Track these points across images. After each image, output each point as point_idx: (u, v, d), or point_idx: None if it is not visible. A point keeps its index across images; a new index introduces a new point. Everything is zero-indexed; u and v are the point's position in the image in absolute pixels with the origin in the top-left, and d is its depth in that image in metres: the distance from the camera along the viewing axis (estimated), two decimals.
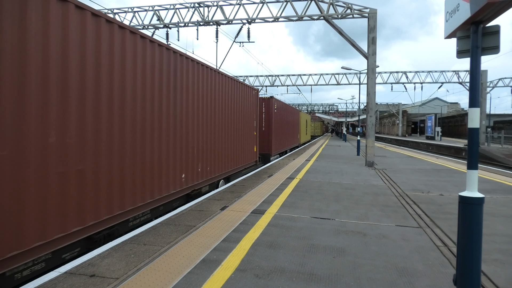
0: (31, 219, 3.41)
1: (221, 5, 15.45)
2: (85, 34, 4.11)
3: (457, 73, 32.84)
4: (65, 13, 3.83)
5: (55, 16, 3.70)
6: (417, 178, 10.31)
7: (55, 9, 3.70)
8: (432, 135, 37.69)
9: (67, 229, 3.86)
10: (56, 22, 3.70)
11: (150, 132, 5.54)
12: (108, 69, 4.56)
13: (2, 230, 3.12)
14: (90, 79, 4.21)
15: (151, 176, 5.59)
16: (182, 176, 6.68)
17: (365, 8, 13.43)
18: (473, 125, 2.78)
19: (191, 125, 7.11)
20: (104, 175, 4.46)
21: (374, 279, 3.33)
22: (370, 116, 13.59)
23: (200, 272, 3.41)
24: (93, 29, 4.27)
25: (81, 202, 4.07)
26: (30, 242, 3.39)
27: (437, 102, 62.49)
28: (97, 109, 4.36)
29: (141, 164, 5.30)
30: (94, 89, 4.29)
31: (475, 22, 2.70)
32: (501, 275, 3.48)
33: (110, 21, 4.58)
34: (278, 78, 37.21)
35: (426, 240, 4.54)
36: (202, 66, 7.66)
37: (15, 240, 3.25)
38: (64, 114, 3.82)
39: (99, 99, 4.38)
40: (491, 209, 6.26)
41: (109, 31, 4.58)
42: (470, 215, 2.73)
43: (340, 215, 5.77)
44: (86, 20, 4.12)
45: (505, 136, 28.63)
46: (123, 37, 4.85)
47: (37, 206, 3.47)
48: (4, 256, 3.12)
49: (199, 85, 7.47)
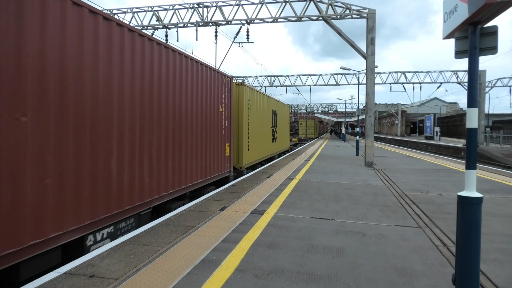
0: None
1: (220, 6, 15.46)
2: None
3: (456, 73, 32.92)
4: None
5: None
6: (416, 178, 10.32)
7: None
8: (431, 135, 37.75)
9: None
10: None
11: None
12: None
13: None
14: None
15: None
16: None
17: (364, 8, 13.45)
18: (471, 125, 2.79)
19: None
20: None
21: (373, 279, 3.34)
22: (369, 116, 13.61)
23: (200, 273, 3.42)
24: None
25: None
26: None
27: (436, 102, 62.64)
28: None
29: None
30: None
31: (473, 22, 2.72)
32: (500, 274, 3.49)
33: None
34: (277, 78, 37.24)
35: (425, 240, 4.55)
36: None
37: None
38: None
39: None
40: (490, 209, 6.27)
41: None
42: (469, 215, 2.74)
43: (339, 215, 5.78)
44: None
45: (504, 136, 28.71)
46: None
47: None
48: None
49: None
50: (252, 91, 12.68)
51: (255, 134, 12.93)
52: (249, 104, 12.04)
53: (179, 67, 6.76)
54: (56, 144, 3.85)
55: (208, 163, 8.33)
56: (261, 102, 14.24)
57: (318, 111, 70.05)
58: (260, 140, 13.99)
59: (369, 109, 13.61)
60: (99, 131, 4.55)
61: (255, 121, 12.99)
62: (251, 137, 12.19)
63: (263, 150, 14.65)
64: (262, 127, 14.33)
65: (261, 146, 14.11)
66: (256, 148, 13.15)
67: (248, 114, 11.87)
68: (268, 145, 15.93)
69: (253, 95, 12.70)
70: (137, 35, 5.40)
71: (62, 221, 3.93)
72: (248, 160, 12.04)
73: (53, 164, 3.81)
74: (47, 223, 3.72)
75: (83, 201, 4.25)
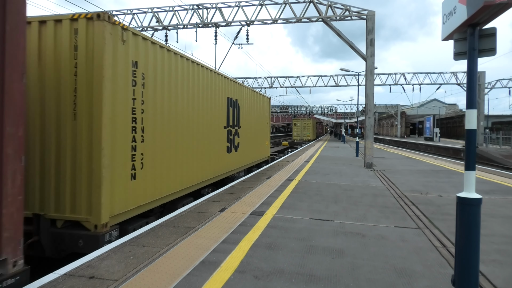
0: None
1: (220, 7, 15.50)
2: None
3: (455, 74, 33.00)
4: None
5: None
6: (416, 179, 10.33)
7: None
8: (430, 136, 37.79)
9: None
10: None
11: None
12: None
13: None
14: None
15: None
16: None
17: (363, 10, 13.49)
18: (470, 127, 2.80)
19: None
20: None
21: (373, 280, 3.34)
22: (368, 117, 13.63)
23: (200, 274, 3.42)
24: None
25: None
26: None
27: (436, 103, 62.74)
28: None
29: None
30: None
31: (472, 24, 2.73)
32: (500, 275, 3.50)
33: None
34: (277, 79, 37.30)
35: (424, 241, 4.56)
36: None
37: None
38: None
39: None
40: (490, 210, 6.28)
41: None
42: (468, 216, 2.75)
43: (339, 216, 5.79)
44: None
45: (503, 137, 28.74)
46: None
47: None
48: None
49: None
50: (153, 47, 5.93)
51: (167, 139, 6.41)
52: (142, 76, 5.57)
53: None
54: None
55: None
56: (186, 77, 7.24)
57: (318, 112, 70.08)
58: (188, 151, 7.30)
59: (369, 110, 13.63)
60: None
61: (167, 115, 6.41)
62: (147, 146, 5.72)
63: (200, 167, 7.90)
64: (193, 127, 7.61)
65: (189, 161, 7.35)
66: (169, 169, 6.44)
67: (133, 97, 5.34)
68: (217, 158, 9.10)
69: (154, 57, 5.97)
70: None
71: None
72: (130, 200, 5.22)
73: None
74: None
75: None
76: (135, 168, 5.33)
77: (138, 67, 5.44)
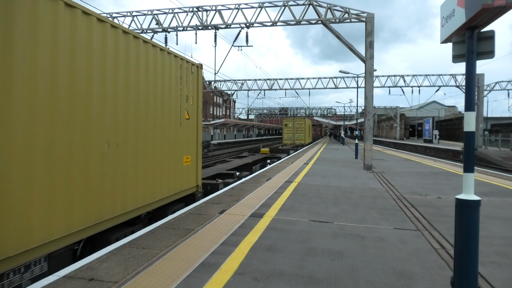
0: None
1: (220, 10, 15.55)
2: None
3: (454, 76, 33.07)
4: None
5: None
6: (415, 181, 10.34)
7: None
8: (430, 138, 37.86)
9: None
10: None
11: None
12: None
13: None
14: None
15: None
16: None
17: (363, 12, 13.54)
18: (469, 129, 2.81)
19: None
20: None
21: (372, 282, 3.35)
22: (368, 119, 13.65)
23: (199, 276, 3.42)
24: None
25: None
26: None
27: (435, 105, 62.76)
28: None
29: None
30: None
31: (470, 27, 2.75)
32: (499, 277, 3.50)
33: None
34: (276, 81, 37.36)
35: (424, 243, 4.56)
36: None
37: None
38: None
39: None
40: (489, 212, 6.29)
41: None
42: (467, 218, 2.76)
43: (338, 218, 5.79)
44: None
45: (502, 139, 28.80)
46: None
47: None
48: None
49: None
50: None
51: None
52: None
53: None
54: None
55: None
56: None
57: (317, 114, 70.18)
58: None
59: (368, 113, 13.66)
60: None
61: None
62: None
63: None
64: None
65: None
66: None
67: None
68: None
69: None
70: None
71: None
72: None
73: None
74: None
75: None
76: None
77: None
